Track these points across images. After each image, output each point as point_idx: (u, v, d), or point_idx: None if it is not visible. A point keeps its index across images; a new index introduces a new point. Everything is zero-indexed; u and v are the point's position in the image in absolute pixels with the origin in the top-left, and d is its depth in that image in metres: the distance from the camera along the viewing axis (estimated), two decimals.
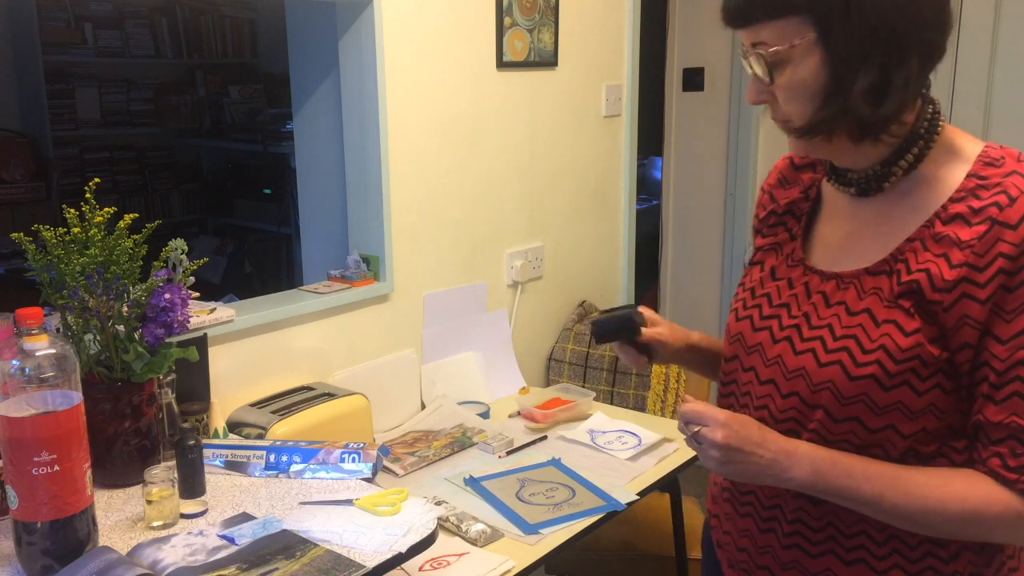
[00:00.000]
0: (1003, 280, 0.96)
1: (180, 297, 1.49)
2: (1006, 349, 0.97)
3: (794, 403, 1.09)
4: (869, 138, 1.02)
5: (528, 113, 2.51)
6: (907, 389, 1.01)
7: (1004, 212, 0.96)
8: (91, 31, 4.44)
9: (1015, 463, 0.98)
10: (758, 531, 1.17)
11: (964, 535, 1.04)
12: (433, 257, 2.33)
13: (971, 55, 2.94)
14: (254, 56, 5.17)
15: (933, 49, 0.99)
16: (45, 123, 4.29)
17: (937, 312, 1.00)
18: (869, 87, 0.98)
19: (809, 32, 0.98)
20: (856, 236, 1.10)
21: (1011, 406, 0.98)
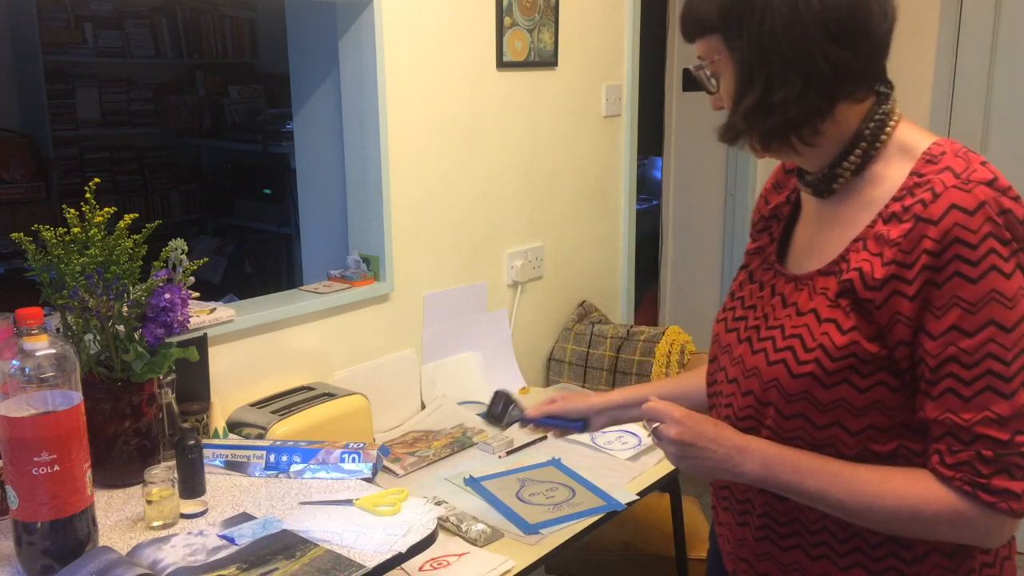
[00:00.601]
0: (929, 276, 0.97)
1: (180, 297, 1.49)
2: (937, 345, 0.98)
3: (751, 401, 1.12)
4: (775, 144, 1.07)
5: (528, 113, 2.51)
6: (848, 386, 1.03)
7: (928, 209, 0.98)
8: (91, 31, 4.44)
9: (952, 460, 0.99)
10: (736, 525, 1.21)
11: (912, 532, 1.04)
12: (433, 257, 2.33)
13: (971, 55, 2.94)
14: (254, 56, 5.17)
15: (822, 72, 1.01)
16: (45, 123, 4.29)
17: (871, 310, 1.01)
18: (755, 103, 1.03)
19: (724, 49, 1.06)
20: (818, 238, 1.13)
21: (945, 402, 0.99)
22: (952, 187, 0.97)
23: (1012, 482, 0.97)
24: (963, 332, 0.96)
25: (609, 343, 2.62)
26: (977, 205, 0.96)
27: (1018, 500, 0.97)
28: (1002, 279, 0.96)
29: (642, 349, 2.57)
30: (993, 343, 0.96)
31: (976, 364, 0.97)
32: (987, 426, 0.97)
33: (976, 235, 0.95)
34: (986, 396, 0.97)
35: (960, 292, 0.96)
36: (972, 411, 0.97)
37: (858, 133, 1.06)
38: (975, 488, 0.98)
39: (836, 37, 1.00)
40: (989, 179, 0.99)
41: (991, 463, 0.97)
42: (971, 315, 0.96)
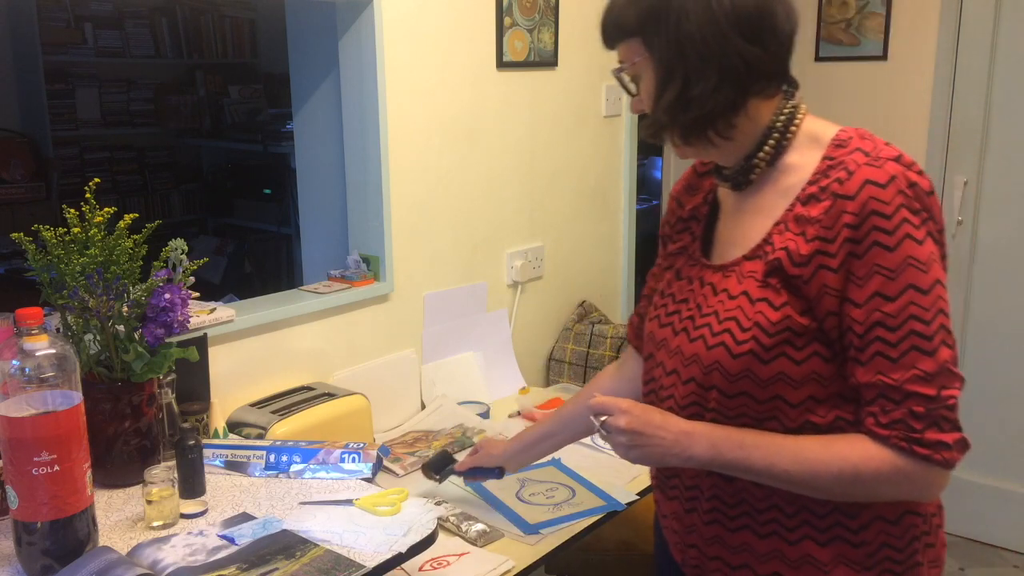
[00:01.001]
0: (850, 248, 1.04)
1: (180, 297, 1.49)
2: (863, 312, 1.05)
3: (692, 388, 1.17)
4: (695, 139, 1.15)
5: (528, 113, 2.51)
6: (785, 360, 1.09)
7: (844, 186, 1.06)
8: (91, 31, 4.44)
9: (886, 419, 1.05)
10: (684, 512, 1.25)
11: (856, 494, 1.09)
12: (433, 257, 2.33)
13: (971, 55, 2.94)
14: (254, 56, 5.17)
15: (736, 69, 1.09)
16: (45, 123, 4.29)
17: (799, 285, 1.08)
18: (673, 99, 1.12)
19: (643, 51, 1.13)
20: (740, 228, 1.20)
21: (876, 365, 1.05)
22: (864, 164, 1.06)
23: (943, 434, 1.03)
24: (886, 297, 1.04)
25: (609, 343, 2.62)
26: (888, 179, 1.04)
27: (950, 450, 1.04)
28: (916, 246, 1.04)
29: None
30: (913, 305, 1.03)
31: (900, 326, 1.03)
32: (916, 383, 1.03)
33: (890, 206, 1.03)
34: (912, 355, 1.03)
35: (880, 260, 1.03)
36: (901, 371, 1.03)
37: (770, 126, 1.14)
38: (910, 443, 1.03)
39: (746, 35, 1.08)
40: (895, 155, 1.07)
41: (922, 418, 1.03)
42: (891, 281, 1.03)
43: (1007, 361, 3.04)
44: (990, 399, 3.08)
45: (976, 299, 3.06)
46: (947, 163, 3.02)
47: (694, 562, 1.25)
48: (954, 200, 3.01)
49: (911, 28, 3.05)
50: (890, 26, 3.08)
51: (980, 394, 3.11)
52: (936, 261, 1.06)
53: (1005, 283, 3.01)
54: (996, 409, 3.08)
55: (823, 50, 3.23)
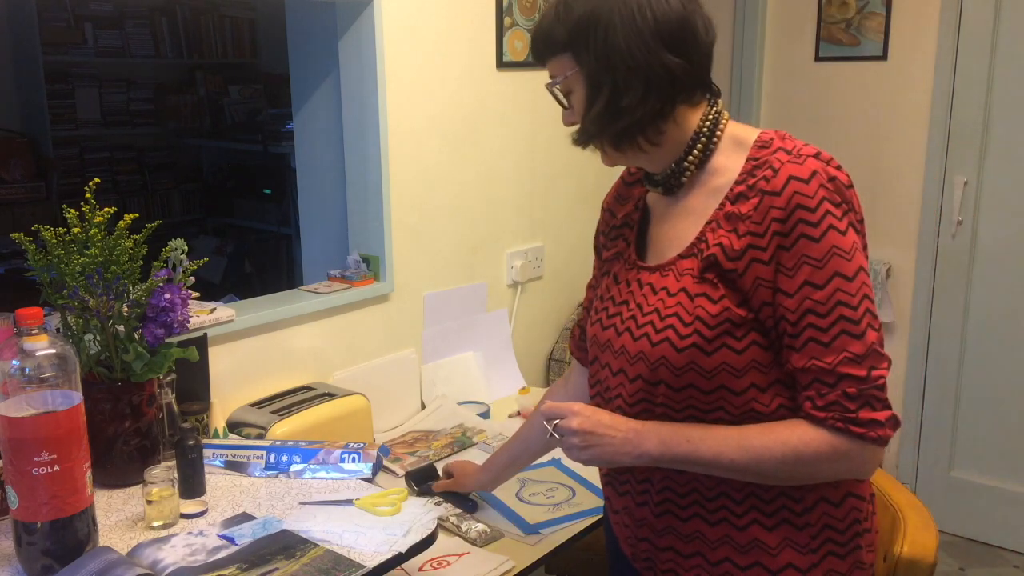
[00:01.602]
0: (779, 241, 1.10)
1: (180, 297, 1.49)
2: (794, 300, 1.10)
3: (640, 385, 1.21)
4: (625, 146, 1.20)
5: (528, 113, 2.51)
6: (727, 351, 1.14)
7: (770, 183, 1.11)
8: (91, 31, 4.44)
9: (822, 402, 1.10)
10: (635, 506, 1.28)
11: (799, 475, 1.15)
12: (433, 257, 2.33)
13: (971, 55, 2.94)
14: (254, 56, 5.17)
15: (660, 79, 1.14)
16: (45, 123, 4.29)
17: (735, 279, 1.13)
18: (603, 107, 1.17)
19: (573, 65, 1.19)
20: (673, 231, 1.25)
21: (809, 351, 1.10)
22: (788, 162, 1.12)
23: (875, 412, 1.09)
24: (814, 286, 1.09)
25: None
26: (810, 174, 1.10)
27: (883, 427, 1.09)
28: (839, 236, 1.09)
29: None
30: (840, 292, 1.09)
31: (829, 312, 1.09)
32: (847, 365, 1.09)
33: (813, 200, 1.09)
34: (842, 339, 1.09)
35: (807, 251, 1.09)
36: (832, 354, 1.09)
37: (697, 132, 1.21)
38: (846, 423, 1.09)
39: (670, 47, 1.14)
40: (815, 153, 1.13)
41: (855, 399, 1.09)
42: (819, 270, 1.09)
43: (1007, 361, 3.04)
44: (990, 399, 3.08)
45: (976, 299, 3.06)
46: (947, 163, 3.02)
47: (645, 555, 1.29)
48: (954, 200, 3.01)
49: (911, 28, 3.04)
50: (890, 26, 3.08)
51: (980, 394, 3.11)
52: (858, 250, 1.12)
53: (1005, 283, 3.00)
54: (996, 409, 3.08)
55: (823, 50, 3.22)
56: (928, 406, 3.21)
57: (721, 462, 1.14)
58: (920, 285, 3.13)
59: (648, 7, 1.14)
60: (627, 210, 1.36)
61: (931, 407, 3.20)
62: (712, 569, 1.22)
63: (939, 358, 3.15)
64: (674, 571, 1.26)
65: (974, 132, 2.97)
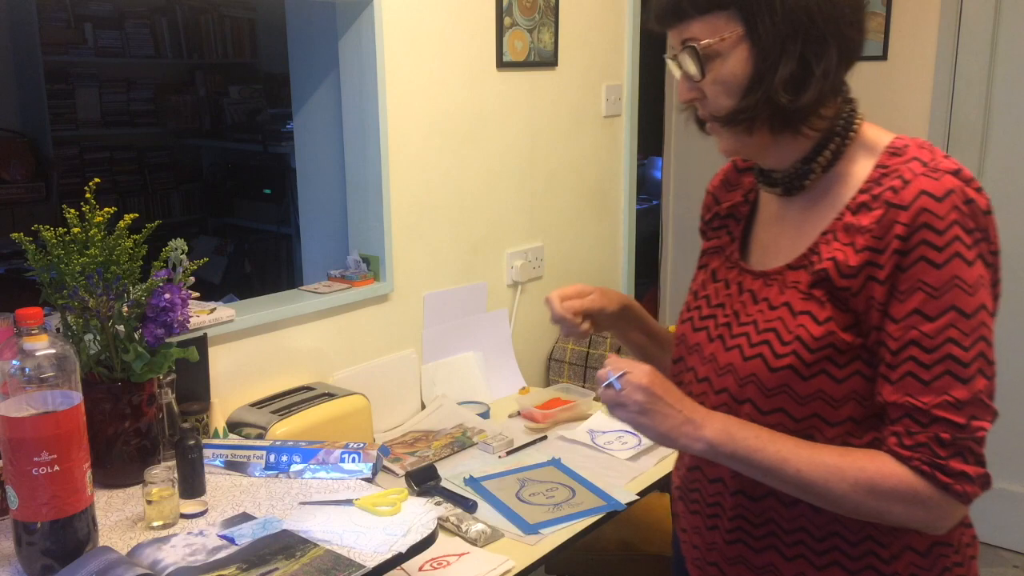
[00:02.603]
0: (897, 260, 0.99)
1: (180, 297, 1.49)
2: (899, 328, 1.00)
3: (725, 399, 1.12)
4: (789, 129, 1.06)
5: (528, 113, 2.51)
6: (825, 377, 1.04)
7: (898, 195, 1.00)
8: (91, 31, 4.44)
9: (910, 441, 1.00)
10: (705, 528, 1.20)
11: (865, 509, 1.03)
12: (433, 257, 2.33)
13: (971, 55, 2.94)
14: (254, 56, 5.17)
15: (851, 45, 1.04)
16: (45, 123, 4.29)
17: (847, 298, 1.03)
18: (789, 76, 1.02)
19: (737, 26, 1.03)
20: (783, 235, 1.14)
21: (905, 386, 1.00)
22: (921, 174, 1.00)
23: (967, 465, 0.98)
24: (925, 316, 0.99)
25: (609, 343, 2.62)
26: (945, 192, 0.98)
27: (972, 483, 0.99)
28: (964, 266, 0.98)
29: None
30: (953, 328, 0.98)
31: (936, 348, 0.99)
32: (945, 409, 0.98)
33: (943, 221, 0.98)
34: (945, 380, 0.98)
35: (924, 276, 0.98)
36: (931, 394, 0.99)
37: (831, 128, 1.08)
38: (933, 468, 0.99)
39: (856, 21, 1.04)
40: (955, 169, 1.01)
41: (948, 446, 0.98)
42: (934, 299, 0.98)
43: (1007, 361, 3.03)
44: None
45: None
46: None
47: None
48: None
49: (911, 28, 3.04)
50: (890, 26, 3.08)
51: None
52: (984, 286, 1.01)
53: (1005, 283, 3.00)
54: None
55: None
56: None
57: (786, 470, 1.03)
58: None
59: None
60: (735, 200, 1.25)
61: None
62: None
63: None
64: None
65: (974, 132, 2.97)
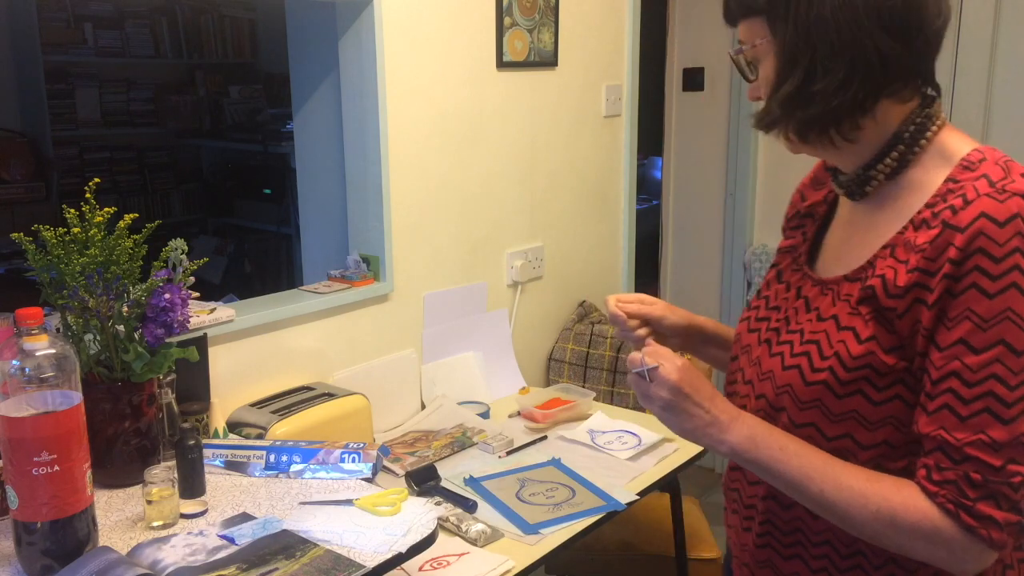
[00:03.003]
0: (948, 285, 0.93)
1: (180, 297, 1.49)
2: (942, 357, 0.94)
3: (763, 405, 1.10)
4: (812, 138, 1.04)
5: (528, 113, 2.51)
6: (861, 398, 1.00)
7: (957, 215, 0.93)
8: (91, 31, 4.44)
9: (939, 477, 0.95)
10: (741, 529, 1.20)
11: (886, 539, 0.99)
12: (433, 257, 2.33)
13: (971, 55, 2.94)
14: (254, 56, 5.17)
15: (881, 58, 0.97)
16: (45, 123, 4.29)
17: (892, 319, 0.98)
18: (792, 91, 1.00)
19: (767, 32, 1.02)
20: (849, 242, 1.10)
21: (940, 419, 0.95)
22: (985, 195, 0.93)
23: (997, 511, 0.93)
24: (970, 348, 0.92)
25: (609, 343, 2.62)
26: (1009, 217, 0.91)
27: (999, 529, 0.93)
28: (1020, 298, 0.91)
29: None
30: (999, 364, 0.92)
31: (978, 383, 0.92)
32: (980, 449, 0.92)
33: (1002, 248, 0.90)
34: (983, 418, 0.92)
35: (974, 305, 0.92)
36: (966, 431, 0.93)
37: (897, 134, 1.03)
38: (958, 508, 0.94)
39: (888, 27, 0.97)
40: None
41: (979, 487, 0.93)
42: (982, 331, 0.92)
43: None
44: None
45: None
46: None
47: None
48: None
49: None
50: None
51: None
52: None
53: None
54: None
55: None
56: None
57: (807, 488, 1.00)
58: None
59: None
60: (816, 198, 1.21)
61: None
62: None
63: None
64: None
65: (974, 132, 2.96)
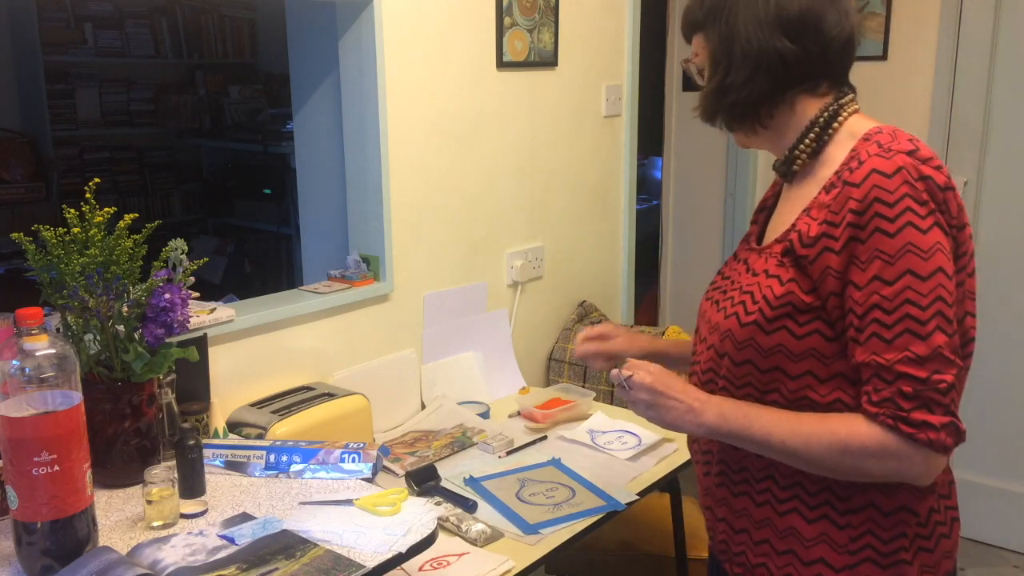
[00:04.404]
0: (853, 232, 1.11)
1: (180, 297, 1.49)
2: (863, 294, 1.11)
3: (712, 354, 1.29)
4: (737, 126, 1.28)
5: (528, 113, 2.51)
6: (785, 333, 1.18)
7: (853, 174, 1.13)
8: (91, 31, 4.44)
9: (877, 398, 1.11)
10: (702, 475, 1.38)
11: (846, 470, 1.15)
12: (433, 257, 2.33)
13: (971, 55, 2.94)
14: (254, 56, 5.17)
15: (781, 60, 1.20)
16: (45, 123, 4.29)
17: (806, 265, 1.17)
18: (715, 86, 1.25)
19: (703, 43, 1.28)
20: (781, 216, 1.30)
21: (871, 346, 1.11)
22: (875, 155, 1.12)
23: (931, 415, 1.08)
24: (884, 281, 1.10)
25: None
26: (895, 170, 1.10)
27: (936, 432, 1.08)
28: (918, 233, 1.09)
29: None
30: (910, 290, 1.09)
31: (895, 309, 1.09)
32: (907, 364, 1.08)
33: (893, 195, 1.09)
34: (905, 338, 1.09)
35: (880, 246, 1.10)
36: (893, 352, 1.09)
37: (813, 121, 1.23)
38: (896, 421, 1.09)
39: (787, 33, 1.19)
40: (909, 149, 1.12)
41: (911, 398, 1.08)
42: (890, 266, 1.09)
43: (1007, 361, 3.04)
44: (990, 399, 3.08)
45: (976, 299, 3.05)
46: (947, 163, 3.02)
47: (709, 524, 1.38)
48: None
49: (911, 28, 3.05)
50: (890, 26, 3.08)
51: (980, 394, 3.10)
52: (942, 251, 1.10)
53: (1005, 283, 3.01)
54: (996, 409, 3.08)
55: None
56: None
57: (771, 442, 1.18)
58: None
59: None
60: (768, 194, 1.43)
61: None
62: (754, 548, 1.28)
63: None
64: (726, 543, 1.33)
65: (974, 132, 2.97)
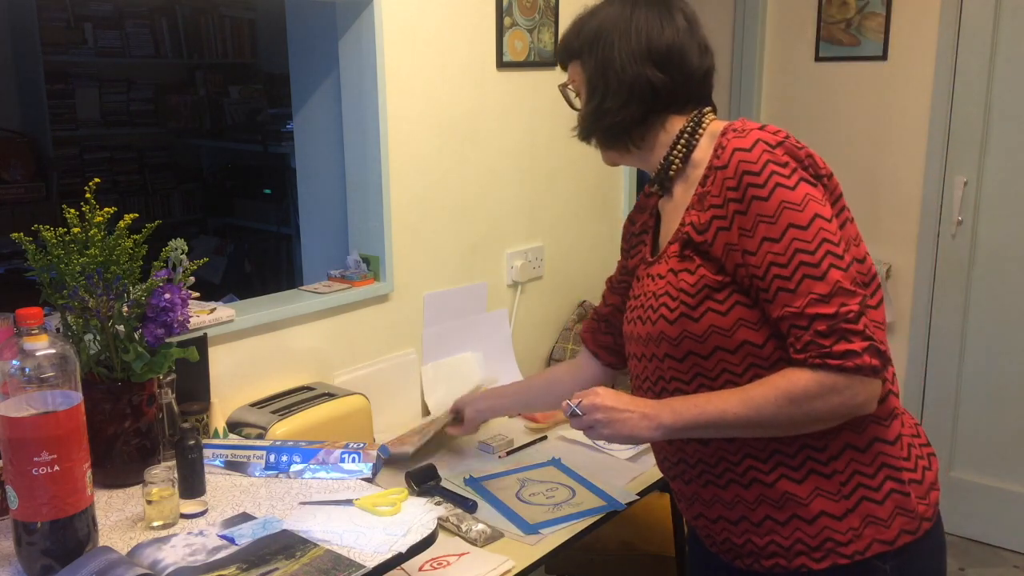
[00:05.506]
0: (735, 207, 1.23)
1: (180, 297, 1.49)
2: (758, 257, 1.21)
3: (654, 364, 1.35)
4: (611, 145, 1.41)
5: (528, 113, 2.51)
6: (712, 313, 1.26)
7: (720, 159, 1.25)
8: (91, 31, 4.44)
9: (800, 344, 1.19)
10: (684, 485, 1.41)
11: (801, 420, 1.22)
12: (433, 257, 2.33)
13: (971, 55, 2.95)
14: (254, 56, 5.17)
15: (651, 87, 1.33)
16: (45, 123, 4.29)
17: (707, 250, 1.27)
18: (592, 109, 1.38)
19: (580, 71, 1.40)
20: (669, 224, 1.39)
21: (781, 300, 1.20)
22: (733, 139, 1.25)
23: (850, 344, 1.16)
24: (772, 240, 1.20)
25: None
26: (753, 143, 1.23)
27: (859, 356, 1.16)
28: (788, 191, 1.20)
29: None
30: (797, 240, 1.19)
31: (789, 261, 1.19)
32: (814, 306, 1.17)
33: (757, 164, 1.21)
34: (806, 283, 1.18)
35: (759, 210, 1.20)
36: (800, 298, 1.18)
37: (680, 132, 1.36)
38: (823, 358, 1.17)
39: (657, 64, 1.33)
40: (760, 126, 1.26)
41: (828, 335, 1.17)
42: (773, 225, 1.20)
43: (1007, 361, 3.04)
44: (990, 399, 3.08)
45: (976, 299, 3.06)
46: (947, 163, 3.02)
47: (705, 531, 1.39)
48: (954, 200, 3.01)
49: (911, 28, 3.05)
50: (890, 26, 3.08)
51: (980, 394, 3.11)
52: (814, 200, 1.21)
53: (1005, 283, 3.01)
54: (996, 409, 3.08)
55: (823, 50, 3.23)
56: (928, 406, 3.21)
57: (727, 419, 1.23)
58: (920, 285, 3.13)
59: (644, 30, 1.33)
60: (644, 219, 1.51)
61: (931, 407, 3.21)
62: (757, 530, 1.31)
63: (939, 358, 3.15)
64: (729, 539, 1.35)
65: (974, 132, 2.97)
